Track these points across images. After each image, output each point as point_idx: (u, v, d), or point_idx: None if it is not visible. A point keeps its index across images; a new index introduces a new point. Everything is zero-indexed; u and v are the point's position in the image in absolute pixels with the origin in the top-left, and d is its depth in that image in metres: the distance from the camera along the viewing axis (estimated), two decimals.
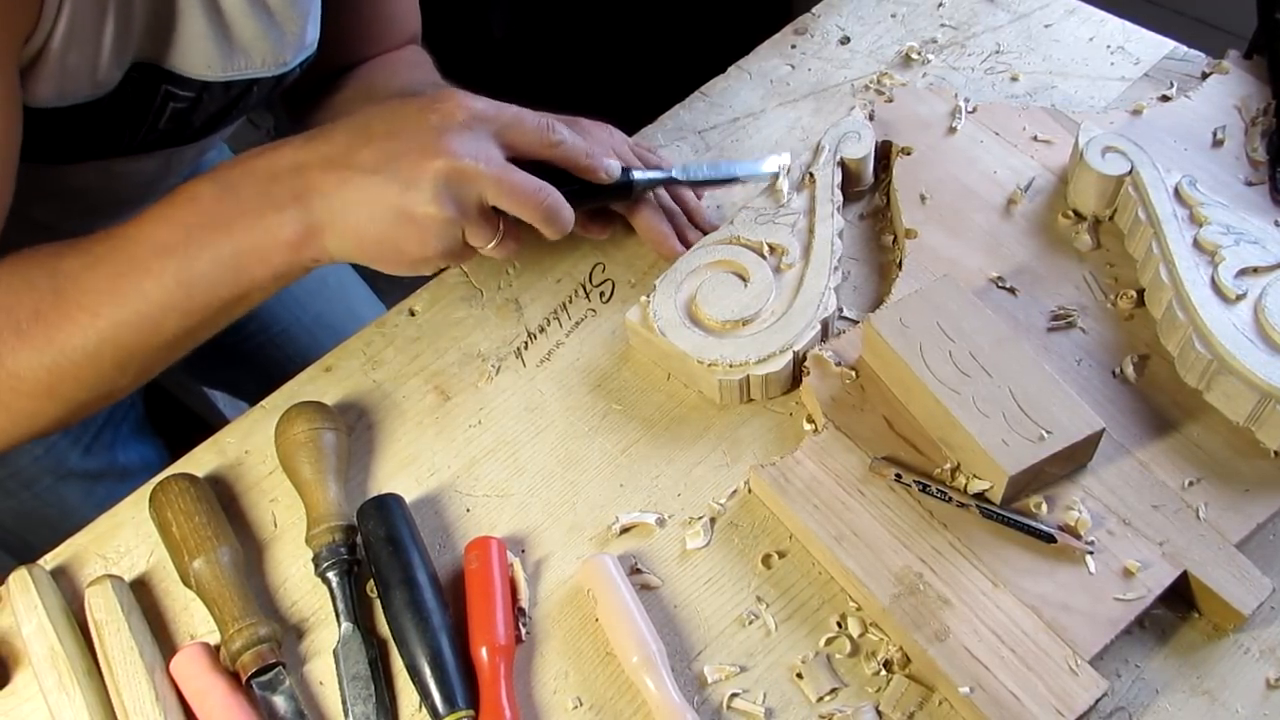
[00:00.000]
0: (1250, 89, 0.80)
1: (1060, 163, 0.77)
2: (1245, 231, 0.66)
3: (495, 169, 0.62)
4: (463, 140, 0.61)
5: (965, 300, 0.64)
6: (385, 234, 0.61)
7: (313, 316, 1.09)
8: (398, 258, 0.63)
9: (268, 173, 0.61)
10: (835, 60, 0.90)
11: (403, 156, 0.60)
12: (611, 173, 0.69)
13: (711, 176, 0.76)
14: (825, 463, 0.63)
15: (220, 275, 0.61)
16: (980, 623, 0.57)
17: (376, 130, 0.62)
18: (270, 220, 0.60)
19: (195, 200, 0.61)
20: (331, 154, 0.61)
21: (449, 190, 0.60)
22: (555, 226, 0.65)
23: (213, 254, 0.60)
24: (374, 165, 0.60)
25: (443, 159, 0.60)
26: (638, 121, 0.88)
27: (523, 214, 0.64)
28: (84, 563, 0.67)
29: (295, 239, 0.61)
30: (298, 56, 0.74)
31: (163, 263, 0.60)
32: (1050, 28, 0.90)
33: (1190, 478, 0.61)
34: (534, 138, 0.65)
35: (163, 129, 0.71)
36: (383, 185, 0.60)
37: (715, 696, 0.58)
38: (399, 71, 0.86)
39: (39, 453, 0.93)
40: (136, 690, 0.58)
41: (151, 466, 0.73)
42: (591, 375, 0.73)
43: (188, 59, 0.67)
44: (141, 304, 0.60)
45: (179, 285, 0.60)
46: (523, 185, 0.63)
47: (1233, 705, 0.56)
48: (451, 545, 0.66)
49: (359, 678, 0.60)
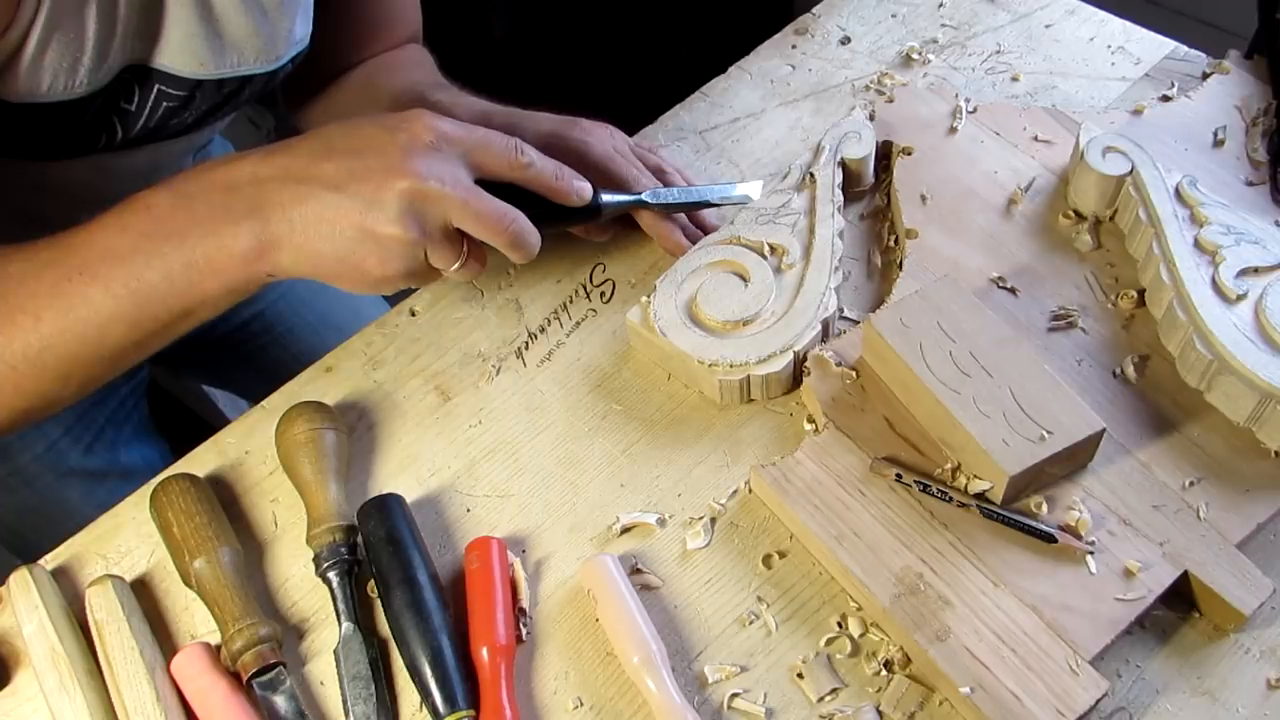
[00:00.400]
0: (1251, 89, 0.80)
1: (1061, 163, 0.77)
2: (1246, 231, 0.66)
3: (461, 192, 0.61)
4: (429, 162, 0.60)
5: (966, 300, 0.64)
6: (345, 252, 0.60)
7: (318, 315, 1.09)
8: (358, 277, 0.61)
9: (225, 184, 0.60)
10: (836, 60, 0.90)
11: (367, 175, 0.59)
12: (583, 195, 0.68)
13: (682, 200, 0.75)
14: (826, 463, 0.63)
15: (170, 286, 0.59)
16: (981, 623, 0.57)
17: (340, 146, 0.61)
18: (225, 232, 0.59)
19: (150, 209, 0.60)
20: (292, 168, 0.60)
21: (412, 211, 0.59)
22: (520, 251, 0.65)
23: (164, 264, 0.59)
24: (336, 182, 0.59)
25: (408, 180, 0.59)
26: (638, 121, 0.88)
27: (487, 238, 0.63)
28: (85, 563, 0.67)
29: (249, 252, 0.59)
30: (289, 51, 0.74)
31: (111, 270, 0.59)
32: (1051, 28, 0.90)
33: (1191, 478, 0.61)
34: (502, 160, 0.64)
35: (155, 125, 0.71)
36: (345, 203, 0.59)
37: (716, 697, 0.58)
38: (399, 70, 0.85)
39: (40, 450, 0.93)
40: (137, 690, 0.58)
41: (154, 466, 0.73)
42: (592, 375, 0.73)
43: (179, 58, 0.67)
44: (87, 311, 0.59)
45: (128, 294, 0.59)
46: (488, 209, 0.62)
47: (1233, 705, 0.56)
48: (452, 545, 0.66)
49: (359, 678, 0.60)
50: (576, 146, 0.74)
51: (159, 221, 0.59)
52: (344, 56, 0.85)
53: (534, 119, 0.76)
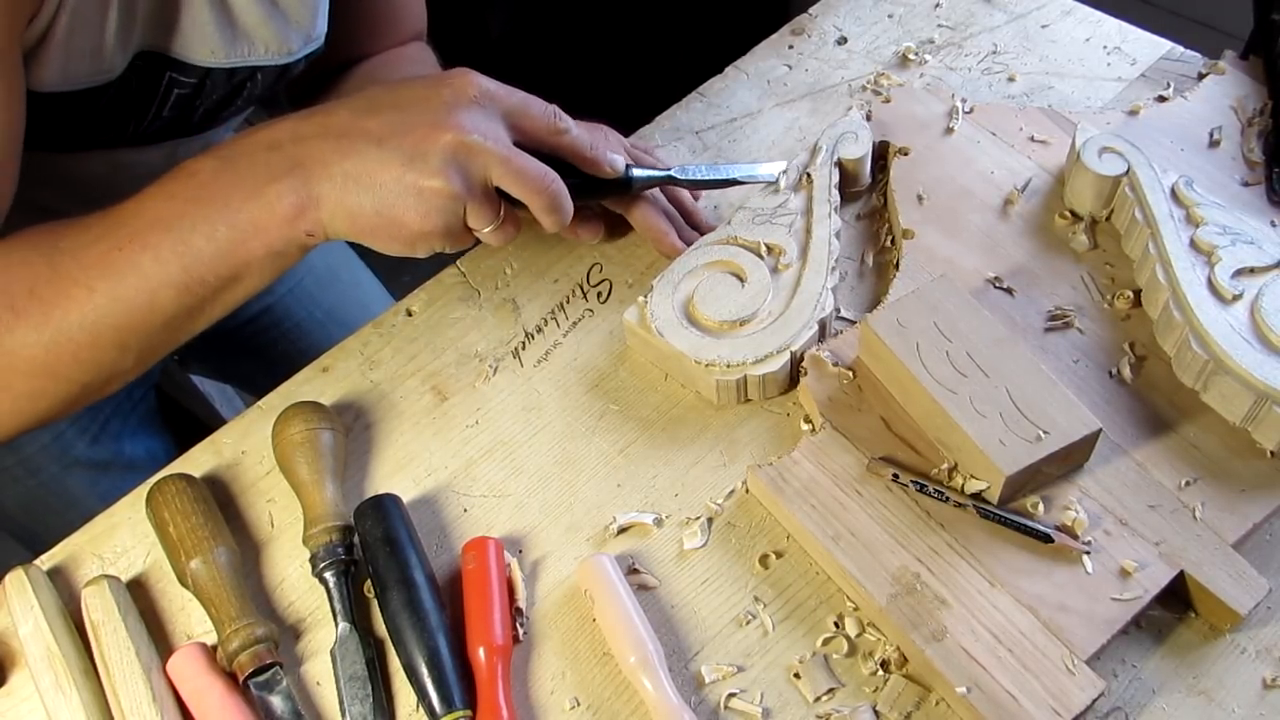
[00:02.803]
0: (1247, 89, 0.80)
1: (1057, 163, 0.77)
2: (1242, 232, 0.66)
3: (503, 149, 0.61)
4: (473, 116, 0.60)
5: (962, 300, 0.64)
6: (385, 206, 0.60)
7: (325, 311, 1.09)
8: (396, 233, 0.61)
9: (268, 143, 0.61)
10: (832, 61, 0.91)
11: (411, 129, 0.59)
12: (616, 167, 0.69)
13: (710, 177, 0.76)
14: (823, 463, 0.63)
15: (216, 249, 0.60)
16: (977, 622, 0.57)
17: (384, 102, 0.61)
18: (268, 191, 0.59)
19: (194, 175, 0.61)
20: (334, 124, 0.60)
21: (456, 164, 0.60)
22: (556, 215, 0.65)
23: (209, 227, 0.59)
24: (380, 135, 0.59)
25: (451, 133, 0.59)
26: (635, 122, 0.88)
27: (526, 197, 0.63)
28: (81, 563, 0.67)
29: (291, 211, 0.60)
30: (305, 47, 0.74)
31: (159, 237, 0.59)
32: (1047, 28, 0.90)
33: (1187, 478, 0.61)
34: (541, 124, 0.64)
35: (166, 116, 0.71)
36: (388, 155, 0.59)
37: (713, 696, 0.58)
38: (401, 68, 0.86)
39: (46, 440, 0.93)
40: (133, 690, 0.58)
41: (158, 460, 0.73)
42: (589, 375, 0.73)
43: (191, 45, 0.67)
44: (138, 279, 0.60)
45: (175, 259, 0.59)
46: (529, 168, 0.62)
47: (1229, 705, 0.56)
48: (449, 545, 0.66)
49: (356, 678, 0.59)
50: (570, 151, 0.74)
51: (204, 186, 0.60)
52: (348, 52, 0.85)
53: None
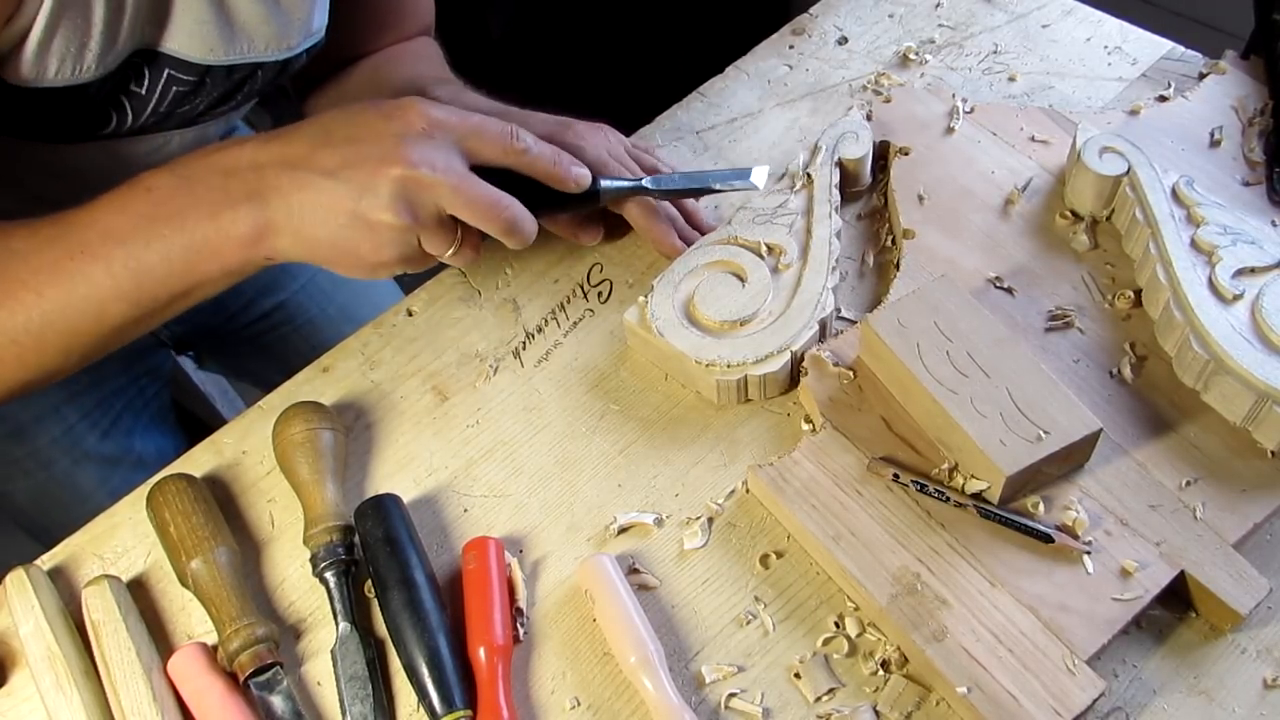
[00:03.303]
0: (1247, 89, 0.80)
1: (1058, 163, 0.77)
2: (1242, 232, 0.66)
3: (454, 178, 0.61)
4: (422, 149, 0.61)
5: (963, 300, 0.64)
6: (339, 238, 0.61)
7: (337, 307, 1.09)
8: (352, 262, 0.63)
9: (225, 168, 0.61)
10: (833, 60, 0.90)
11: (361, 162, 0.60)
12: (580, 182, 0.68)
13: (685, 186, 0.74)
14: (823, 463, 0.63)
15: (169, 268, 0.61)
16: (978, 623, 0.57)
17: (337, 134, 0.62)
18: (224, 216, 0.60)
19: (150, 191, 0.61)
20: (290, 155, 0.61)
21: (405, 198, 0.60)
22: (516, 238, 0.65)
23: (163, 245, 0.60)
24: (332, 168, 0.60)
25: (400, 167, 0.60)
26: (636, 122, 0.88)
27: (481, 225, 0.63)
28: (81, 563, 0.67)
29: (248, 236, 0.61)
30: (304, 42, 0.74)
31: (112, 250, 0.60)
32: (1048, 28, 0.90)
33: (1187, 478, 0.61)
34: (497, 146, 0.64)
35: (165, 111, 0.71)
36: (339, 189, 0.60)
37: (713, 696, 0.58)
38: (407, 63, 0.86)
39: (57, 434, 0.94)
40: (134, 690, 0.58)
41: (168, 459, 0.74)
42: (589, 375, 0.73)
43: (189, 43, 0.68)
44: (88, 289, 0.60)
45: (127, 274, 0.61)
46: (481, 196, 0.62)
47: (1229, 705, 0.56)
48: (449, 545, 0.66)
49: (356, 678, 0.60)
50: (570, 150, 0.74)
51: (159, 204, 0.61)
52: (354, 46, 0.85)
53: (531, 119, 0.76)
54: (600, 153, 0.74)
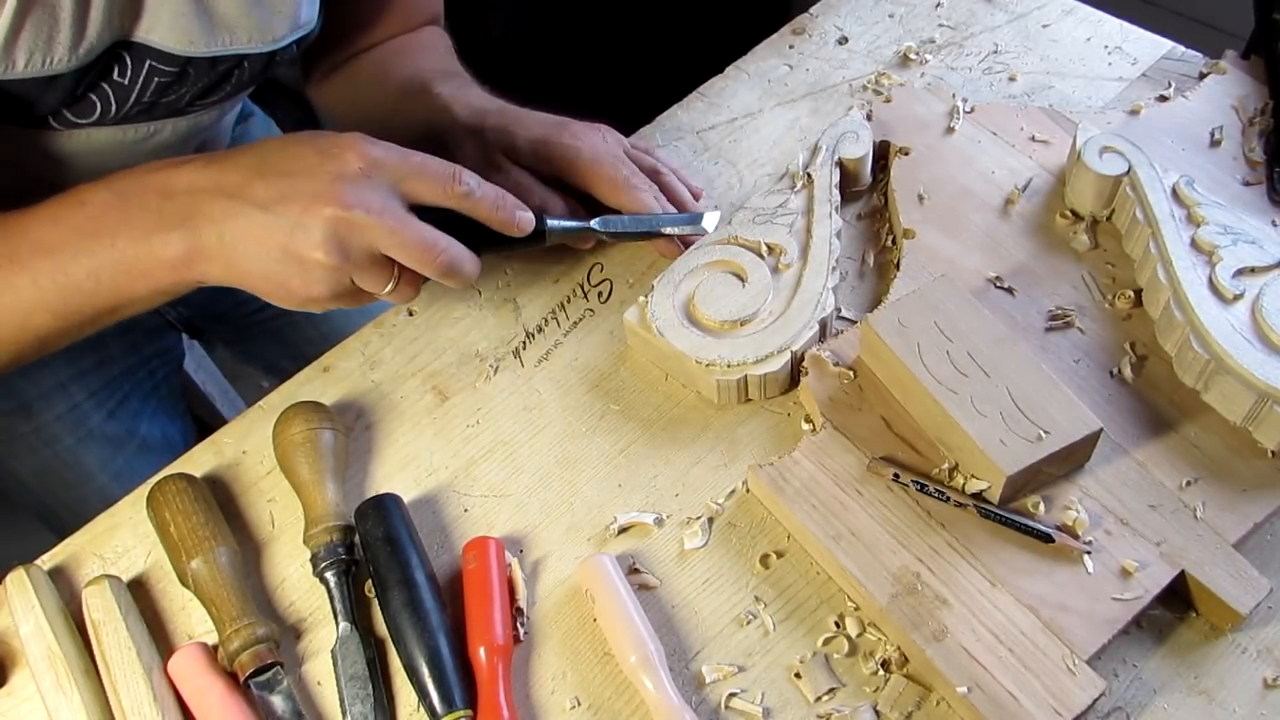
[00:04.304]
0: (1248, 89, 0.80)
1: (1058, 163, 0.77)
2: (1243, 231, 0.66)
3: (388, 220, 0.61)
4: (358, 190, 0.60)
5: (963, 300, 0.64)
6: (270, 271, 0.61)
7: None
8: (284, 295, 0.62)
9: (161, 189, 0.61)
10: (833, 60, 0.90)
11: (295, 198, 0.60)
12: (523, 226, 0.67)
13: (633, 230, 0.73)
14: (823, 463, 0.63)
15: (96, 285, 0.61)
16: (978, 622, 0.57)
17: (273, 166, 0.61)
18: (155, 239, 0.60)
19: (84, 205, 0.61)
20: (226, 183, 0.61)
21: (337, 238, 0.60)
22: (454, 279, 0.64)
23: (92, 262, 0.60)
24: (266, 201, 0.60)
25: (333, 207, 0.59)
26: (636, 121, 0.88)
27: (417, 267, 0.63)
28: (81, 563, 0.67)
29: (178, 260, 0.61)
30: (291, 34, 0.74)
31: (40, 262, 0.60)
32: (1048, 28, 0.90)
33: (1188, 478, 0.61)
34: (438, 187, 0.64)
35: (150, 101, 0.71)
36: (272, 223, 0.60)
37: (713, 696, 0.58)
38: (411, 55, 0.85)
39: (62, 410, 0.94)
40: (134, 690, 0.58)
41: (174, 446, 0.73)
42: (589, 375, 0.73)
43: (168, 35, 0.67)
44: (13, 299, 0.61)
45: (54, 287, 0.61)
46: (416, 239, 0.62)
47: (1230, 705, 0.56)
48: (450, 545, 0.66)
49: (357, 678, 0.60)
50: (565, 152, 0.74)
51: (92, 219, 0.61)
52: (360, 36, 0.85)
53: (528, 119, 0.76)
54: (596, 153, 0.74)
